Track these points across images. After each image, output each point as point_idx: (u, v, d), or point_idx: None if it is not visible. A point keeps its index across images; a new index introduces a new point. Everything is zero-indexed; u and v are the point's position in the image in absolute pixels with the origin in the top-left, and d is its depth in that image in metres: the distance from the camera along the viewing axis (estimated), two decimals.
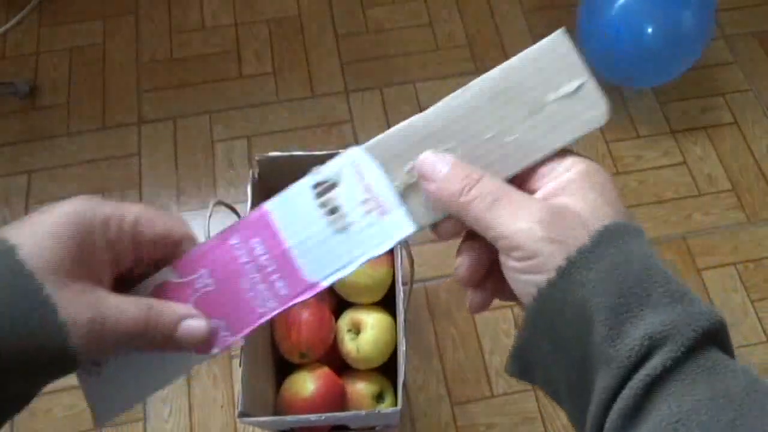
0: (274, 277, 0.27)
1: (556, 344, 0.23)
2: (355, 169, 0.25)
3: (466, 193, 0.25)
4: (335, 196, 0.26)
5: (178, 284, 0.27)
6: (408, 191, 0.26)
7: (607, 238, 0.22)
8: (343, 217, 0.26)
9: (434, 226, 0.27)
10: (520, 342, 0.25)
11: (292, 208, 0.26)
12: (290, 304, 0.27)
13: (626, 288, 0.21)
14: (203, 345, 0.27)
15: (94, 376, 0.27)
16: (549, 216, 0.23)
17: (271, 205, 0.26)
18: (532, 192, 0.26)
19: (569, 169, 0.26)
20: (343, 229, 0.26)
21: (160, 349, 0.26)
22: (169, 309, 0.26)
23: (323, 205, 0.26)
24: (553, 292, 0.23)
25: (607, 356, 0.21)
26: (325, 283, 0.27)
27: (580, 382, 0.23)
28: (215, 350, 0.28)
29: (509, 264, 0.24)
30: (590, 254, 0.22)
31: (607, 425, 0.21)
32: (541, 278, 0.23)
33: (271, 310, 0.27)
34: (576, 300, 0.22)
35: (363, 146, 0.25)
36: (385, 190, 0.26)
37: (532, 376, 0.26)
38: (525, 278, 0.24)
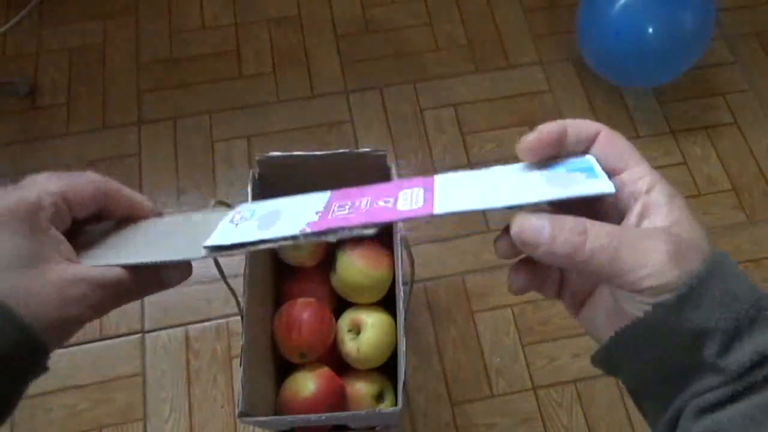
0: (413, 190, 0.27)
1: (660, 359, 0.25)
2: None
3: (581, 250, 0.24)
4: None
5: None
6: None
7: (719, 263, 0.24)
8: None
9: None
10: (615, 345, 0.26)
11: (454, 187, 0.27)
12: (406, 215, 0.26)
13: (739, 310, 0.23)
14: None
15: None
16: (673, 247, 0.24)
17: (438, 179, 0.27)
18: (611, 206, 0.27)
19: (651, 188, 0.26)
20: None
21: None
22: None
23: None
24: (669, 314, 0.24)
25: (716, 367, 0.23)
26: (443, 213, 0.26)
27: (672, 384, 0.25)
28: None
29: (626, 293, 0.25)
30: (706, 280, 0.23)
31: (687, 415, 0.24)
32: (657, 299, 0.24)
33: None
34: (693, 319, 0.23)
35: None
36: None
37: (617, 372, 0.28)
38: (640, 299, 0.24)
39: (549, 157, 0.27)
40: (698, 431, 0.24)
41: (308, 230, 0.26)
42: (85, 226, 0.31)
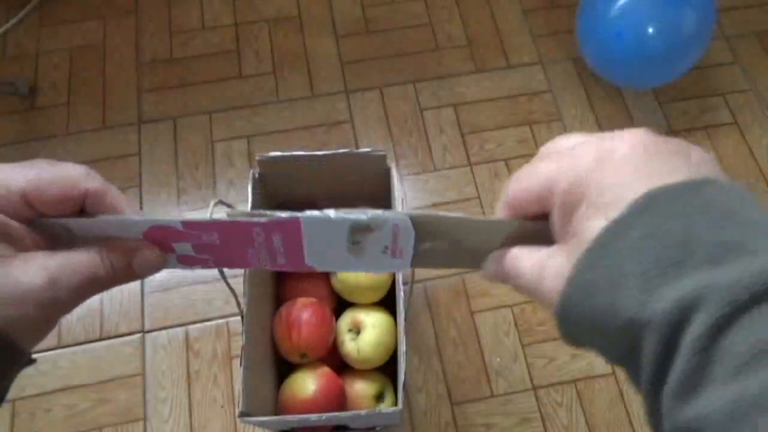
0: (279, 255, 0.29)
1: (594, 317, 0.22)
2: (394, 228, 0.28)
3: (517, 285, 0.27)
4: (366, 237, 0.28)
5: (180, 232, 0.28)
6: (421, 255, 0.30)
7: (644, 205, 0.21)
8: (362, 249, 0.29)
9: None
10: (562, 316, 0.24)
11: (324, 232, 0.28)
12: (280, 268, 0.30)
13: (662, 254, 0.20)
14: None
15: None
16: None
17: (306, 221, 0.28)
18: None
19: (553, 210, 0.25)
20: (357, 255, 0.29)
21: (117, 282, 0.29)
22: (123, 245, 0.28)
23: (352, 239, 0.28)
24: (589, 264, 0.22)
25: (642, 321, 0.20)
26: (320, 270, 0.30)
27: (627, 355, 0.22)
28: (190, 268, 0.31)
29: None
30: (624, 223, 0.21)
31: (665, 400, 0.20)
32: (587, 233, 0.22)
33: (262, 264, 0.30)
34: (608, 268, 0.21)
35: (409, 215, 0.27)
36: (407, 248, 0.29)
37: (586, 346, 0.25)
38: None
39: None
40: (681, 425, 0.19)
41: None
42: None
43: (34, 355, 0.28)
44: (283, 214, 0.27)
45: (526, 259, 0.26)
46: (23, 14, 1.17)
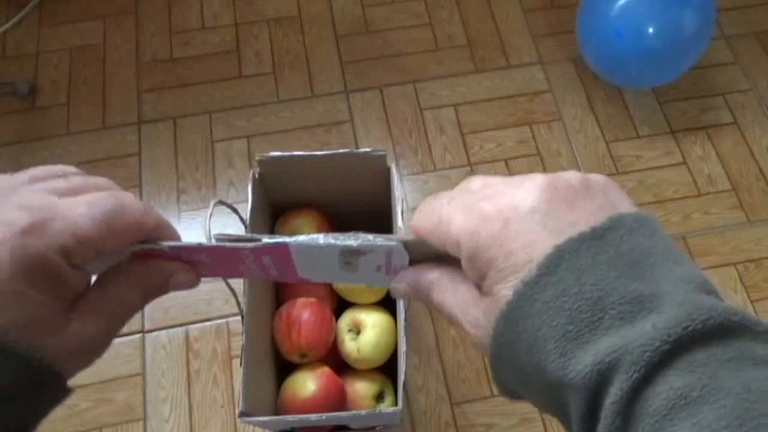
0: (271, 270, 0.29)
1: (520, 375, 0.23)
2: (387, 252, 0.27)
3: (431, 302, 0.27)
4: (357, 259, 0.28)
5: (167, 254, 0.28)
6: None
7: (554, 264, 0.21)
8: (356, 268, 0.29)
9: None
10: (492, 371, 0.25)
11: (314, 255, 0.28)
12: (274, 279, 0.30)
13: (575, 316, 0.20)
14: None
15: None
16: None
17: (293, 247, 0.27)
18: None
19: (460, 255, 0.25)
20: (351, 272, 0.29)
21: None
22: (159, 269, 0.27)
23: (344, 260, 0.28)
24: (505, 326, 0.22)
25: (564, 383, 0.20)
26: (313, 281, 0.30)
27: (559, 410, 0.22)
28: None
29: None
30: (535, 284, 0.21)
31: None
32: (500, 296, 0.22)
33: (254, 276, 0.30)
34: (527, 332, 0.21)
35: (403, 242, 0.27)
36: (403, 267, 0.28)
37: (523, 399, 0.26)
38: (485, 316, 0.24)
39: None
40: None
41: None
42: None
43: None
44: (270, 240, 0.27)
45: (449, 294, 0.26)
46: (23, 14, 1.17)
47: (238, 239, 0.27)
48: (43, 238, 0.22)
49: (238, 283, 0.64)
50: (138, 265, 0.27)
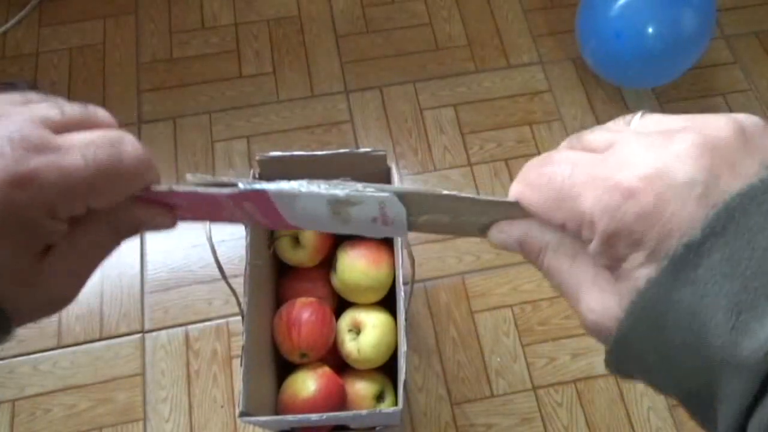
0: (258, 215, 0.27)
1: (662, 355, 0.20)
2: (380, 203, 0.25)
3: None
4: (347, 210, 0.25)
5: (143, 196, 0.25)
6: (419, 226, 0.27)
7: (722, 221, 0.18)
8: (348, 219, 0.26)
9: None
10: (614, 352, 0.22)
11: (299, 203, 0.25)
12: (264, 226, 0.27)
13: (747, 281, 0.17)
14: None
15: None
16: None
17: (273, 194, 0.25)
18: None
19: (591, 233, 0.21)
20: (344, 223, 0.26)
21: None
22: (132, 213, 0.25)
23: (332, 210, 0.26)
24: (655, 295, 0.19)
25: (734, 361, 0.18)
26: (306, 229, 0.27)
27: (699, 392, 0.20)
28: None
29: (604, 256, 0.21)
30: (699, 247, 0.18)
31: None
32: (642, 278, 0.19)
33: (240, 222, 0.27)
34: (684, 301, 0.18)
35: (396, 193, 0.24)
36: (400, 219, 0.26)
37: (636, 379, 0.23)
38: (624, 276, 0.20)
39: None
40: None
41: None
42: None
43: (36, 356, 0.27)
44: (247, 186, 0.24)
45: (566, 266, 0.22)
46: (23, 14, 1.17)
47: (213, 183, 0.25)
48: (29, 191, 0.20)
49: (238, 283, 0.64)
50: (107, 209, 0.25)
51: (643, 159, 0.19)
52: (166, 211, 0.26)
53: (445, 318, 0.93)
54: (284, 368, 0.76)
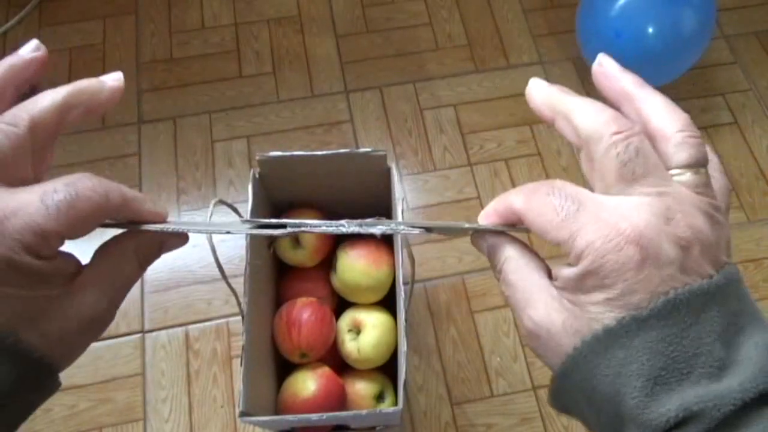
0: None
1: (590, 401, 0.23)
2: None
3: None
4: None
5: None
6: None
7: (667, 309, 0.22)
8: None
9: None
10: (555, 389, 0.25)
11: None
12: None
13: (671, 364, 0.21)
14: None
15: None
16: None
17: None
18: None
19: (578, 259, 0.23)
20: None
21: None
22: (152, 242, 0.28)
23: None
24: (595, 349, 0.22)
25: (639, 420, 0.21)
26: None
27: None
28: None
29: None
30: (643, 323, 0.22)
31: None
32: (589, 331, 0.23)
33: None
34: (615, 360, 0.22)
35: (425, 227, 0.29)
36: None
37: (572, 416, 0.26)
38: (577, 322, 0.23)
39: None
40: None
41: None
42: None
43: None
44: (291, 230, 0.28)
45: (520, 280, 0.26)
46: (23, 14, 1.17)
47: (264, 225, 0.28)
48: (2, 241, 0.21)
49: (238, 283, 0.63)
50: (131, 235, 0.27)
51: (645, 223, 0.22)
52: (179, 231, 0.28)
53: (445, 318, 0.93)
54: (284, 368, 0.76)
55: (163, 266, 0.95)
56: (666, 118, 0.25)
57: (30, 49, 0.27)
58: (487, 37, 1.18)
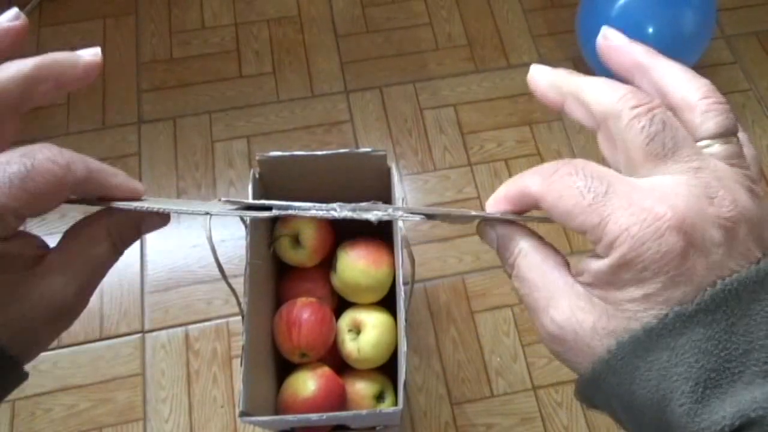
0: None
1: (627, 405, 0.21)
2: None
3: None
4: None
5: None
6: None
7: (715, 304, 0.19)
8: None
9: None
10: (582, 389, 0.23)
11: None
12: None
13: (722, 362, 0.19)
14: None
15: None
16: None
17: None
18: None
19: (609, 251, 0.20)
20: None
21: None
22: (129, 221, 0.25)
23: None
24: (633, 351, 0.20)
25: (690, 429, 0.19)
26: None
27: None
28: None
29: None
30: (689, 319, 0.19)
31: None
32: (626, 331, 0.20)
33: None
34: (659, 363, 0.19)
35: (425, 215, 0.26)
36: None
37: (602, 412, 0.24)
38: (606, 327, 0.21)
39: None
40: None
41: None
42: None
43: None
44: (279, 212, 0.26)
45: (537, 277, 0.23)
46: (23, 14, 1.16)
47: (248, 206, 0.25)
48: None
49: (238, 283, 0.63)
50: (104, 214, 0.25)
51: (686, 206, 0.20)
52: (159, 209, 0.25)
53: (445, 318, 0.93)
54: (284, 368, 0.76)
55: (163, 266, 0.95)
56: (687, 87, 0.23)
57: (7, 18, 0.25)
58: (487, 37, 1.18)
